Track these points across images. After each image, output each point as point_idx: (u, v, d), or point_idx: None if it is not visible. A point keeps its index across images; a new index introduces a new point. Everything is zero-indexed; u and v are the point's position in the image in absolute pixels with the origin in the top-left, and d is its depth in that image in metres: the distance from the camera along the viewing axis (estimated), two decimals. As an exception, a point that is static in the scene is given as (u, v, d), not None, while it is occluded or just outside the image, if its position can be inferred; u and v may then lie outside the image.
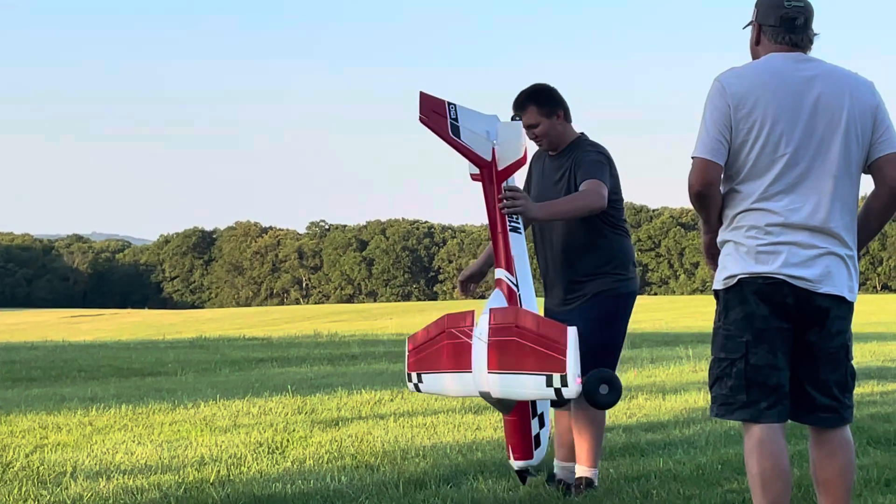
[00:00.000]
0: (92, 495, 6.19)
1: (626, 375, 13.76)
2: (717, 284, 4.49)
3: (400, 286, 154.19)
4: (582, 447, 6.15)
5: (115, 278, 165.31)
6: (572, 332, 5.03)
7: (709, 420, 9.10)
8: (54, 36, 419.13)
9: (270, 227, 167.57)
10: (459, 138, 5.62)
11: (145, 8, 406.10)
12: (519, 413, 5.67)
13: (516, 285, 5.62)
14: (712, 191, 4.43)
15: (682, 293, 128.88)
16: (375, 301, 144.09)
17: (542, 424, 5.73)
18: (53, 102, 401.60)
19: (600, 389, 5.30)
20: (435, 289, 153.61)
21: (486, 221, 5.89)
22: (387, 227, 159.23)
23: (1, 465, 7.32)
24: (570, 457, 6.31)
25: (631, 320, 6.40)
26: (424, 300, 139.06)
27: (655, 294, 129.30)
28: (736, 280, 4.38)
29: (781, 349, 4.37)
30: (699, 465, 6.82)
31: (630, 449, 7.49)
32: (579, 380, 5.03)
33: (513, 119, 5.89)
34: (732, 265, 4.40)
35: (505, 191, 5.67)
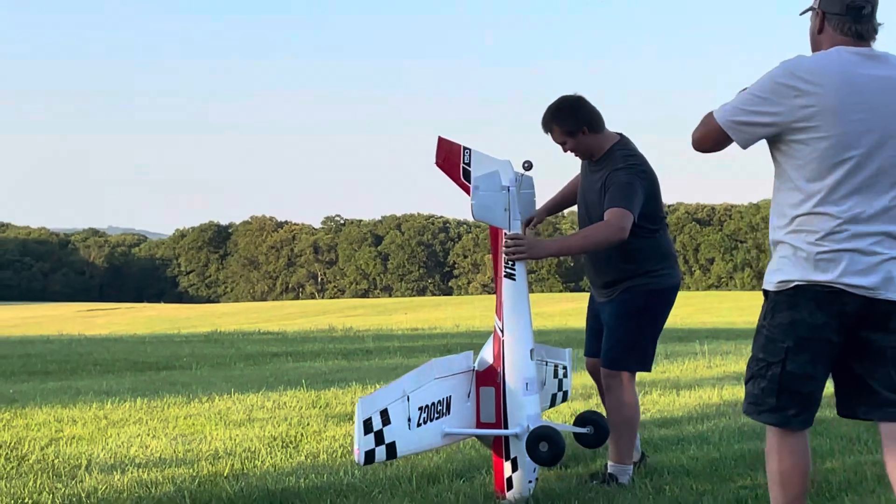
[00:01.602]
0: (106, 488, 6.21)
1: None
2: (769, 286, 4.36)
3: (415, 281, 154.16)
4: (609, 439, 6.28)
5: (131, 272, 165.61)
6: (358, 406, 5.17)
7: (722, 416, 9.10)
8: (63, 29, 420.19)
9: (286, 222, 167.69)
10: (469, 182, 5.89)
11: (161, 2, 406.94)
12: (495, 451, 5.87)
13: (502, 331, 5.81)
14: (710, 152, 4.41)
15: (697, 289, 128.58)
16: (390, 296, 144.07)
17: (514, 469, 5.76)
18: (70, 97, 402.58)
19: (539, 447, 5.53)
20: (450, 284, 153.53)
21: None
22: (402, 222, 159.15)
23: (16, 457, 7.36)
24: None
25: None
26: (439, 295, 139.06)
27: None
28: (792, 286, 4.25)
29: (822, 360, 4.27)
30: (712, 461, 6.82)
31: (643, 444, 7.48)
32: (357, 450, 5.17)
33: (524, 165, 5.91)
34: (790, 270, 4.26)
35: (508, 239, 5.78)
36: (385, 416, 5.26)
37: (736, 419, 8.87)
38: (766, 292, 4.40)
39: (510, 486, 5.78)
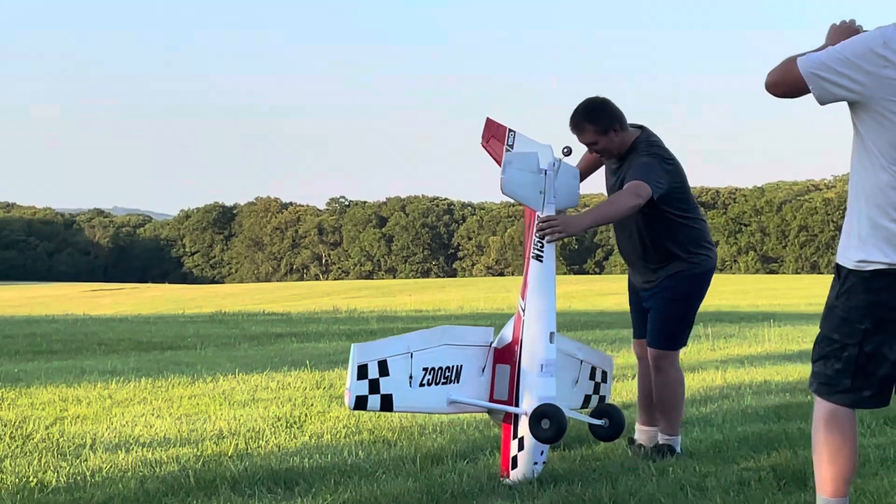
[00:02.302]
0: (111, 467, 6.23)
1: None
2: (846, 262, 4.26)
3: (419, 263, 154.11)
4: (660, 414, 6.63)
5: (136, 253, 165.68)
6: (353, 350, 5.30)
7: (726, 398, 9.11)
8: (66, 4, 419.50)
9: (290, 203, 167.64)
10: None
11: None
12: (504, 429, 5.94)
13: (524, 310, 5.87)
14: (783, 97, 4.28)
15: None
16: (395, 277, 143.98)
17: (520, 448, 5.81)
18: (76, 75, 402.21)
19: (541, 424, 5.57)
20: (454, 266, 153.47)
21: (506, 199, 6.19)
22: (406, 204, 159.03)
23: (21, 436, 7.37)
24: (650, 421, 6.74)
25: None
26: (444, 277, 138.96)
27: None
28: (871, 269, 4.17)
29: None
30: (715, 443, 6.83)
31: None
32: (348, 393, 5.30)
33: (563, 151, 6.05)
34: (870, 250, 4.18)
35: (540, 222, 5.84)
36: (383, 368, 5.35)
37: (739, 402, 8.88)
38: (839, 268, 4.30)
39: (514, 466, 5.81)
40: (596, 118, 6.37)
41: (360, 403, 5.31)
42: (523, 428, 5.77)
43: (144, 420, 8.11)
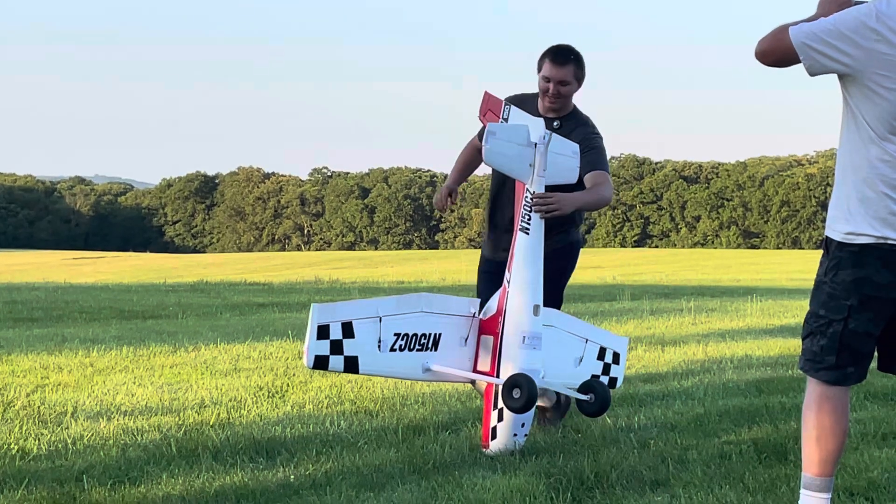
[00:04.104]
0: (92, 435, 6.22)
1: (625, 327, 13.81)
2: (835, 234, 4.25)
3: (401, 234, 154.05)
4: None
5: (117, 221, 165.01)
6: (313, 310, 5.35)
7: (707, 372, 9.15)
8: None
9: (273, 173, 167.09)
10: None
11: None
12: (486, 399, 5.95)
13: (509, 282, 5.89)
14: (774, 66, 4.25)
15: (683, 246, 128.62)
16: (377, 249, 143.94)
17: (500, 419, 5.83)
18: (58, 43, 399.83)
19: (512, 394, 5.57)
20: (436, 238, 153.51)
21: (488, 171, 6.22)
22: (389, 175, 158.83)
23: (2, 404, 7.35)
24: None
25: (632, 272, 6.90)
26: (426, 249, 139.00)
27: (657, 247, 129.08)
28: (859, 242, 4.16)
29: (883, 318, 4.22)
30: (697, 416, 6.86)
31: (628, 399, 7.52)
32: (306, 352, 5.37)
33: (555, 125, 6.26)
34: (859, 222, 4.17)
35: (535, 198, 5.85)
36: (348, 330, 5.38)
37: (720, 375, 8.91)
38: (829, 241, 4.28)
39: (494, 436, 5.82)
40: (582, 64, 6.48)
41: (321, 363, 5.36)
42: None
43: (126, 388, 8.10)
